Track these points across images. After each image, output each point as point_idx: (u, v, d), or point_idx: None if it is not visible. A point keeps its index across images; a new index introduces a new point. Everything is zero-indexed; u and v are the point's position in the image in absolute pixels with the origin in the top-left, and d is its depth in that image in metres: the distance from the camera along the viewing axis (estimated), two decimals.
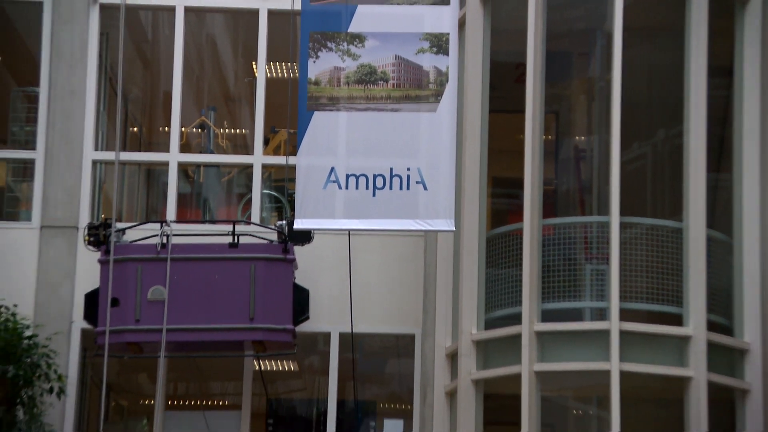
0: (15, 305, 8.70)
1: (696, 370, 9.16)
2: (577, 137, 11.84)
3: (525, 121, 9.80)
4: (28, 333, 8.64)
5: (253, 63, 11.88)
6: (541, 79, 9.85)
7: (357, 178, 8.92)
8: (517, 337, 9.43)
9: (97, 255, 10.31)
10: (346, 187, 8.97)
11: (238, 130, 13.47)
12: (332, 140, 9.16)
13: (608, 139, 9.70)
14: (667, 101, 10.52)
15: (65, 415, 10.12)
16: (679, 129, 10.00)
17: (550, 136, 11.12)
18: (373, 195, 8.94)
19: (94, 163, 11.37)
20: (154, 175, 12.50)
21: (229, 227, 10.63)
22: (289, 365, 12.15)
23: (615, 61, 9.54)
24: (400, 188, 8.89)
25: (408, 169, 8.87)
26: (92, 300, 10.35)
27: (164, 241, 10.35)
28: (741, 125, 10.12)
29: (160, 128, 12.79)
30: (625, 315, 9.25)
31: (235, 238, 10.50)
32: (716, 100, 10.14)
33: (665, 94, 10.70)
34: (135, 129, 13.29)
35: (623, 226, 9.44)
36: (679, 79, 9.85)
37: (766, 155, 10.09)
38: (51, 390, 8.63)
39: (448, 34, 8.87)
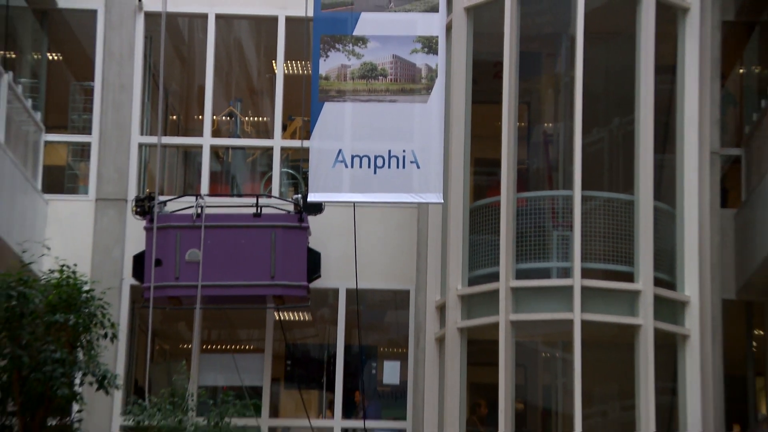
0: (75, 265, 8.64)
1: (644, 319, 9.58)
2: (545, 124, 11.90)
3: (502, 110, 10.06)
4: (86, 288, 8.52)
5: (273, 62, 12.08)
6: (516, 75, 10.11)
7: (361, 158, 9.29)
8: (496, 292, 9.80)
9: (143, 223, 10.79)
10: (352, 166, 9.36)
11: (260, 118, 13.53)
12: (340, 126, 9.50)
13: (572, 125, 10.00)
14: (621, 94, 10.70)
15: (117, 356, 10.52)
16: (631, 117, 10.30)
17: (522, 123, 11.22)
18: (375, 173, 9.33)
19: (140, 146, 11.74)
20: (190, 156, 12.73)
21: (252, 200, 10.96)
22: (304, 316, 12.41)
23: (577, 61, 9.83)
24: (397, 167, 9.28)
25: (403, 151, 9.25)
26: (139, 261, 10.81)
27: (199, 211, 10.75)
28: (683, 114, 10.38)
29: (195, 116, 12.97)
30: (586, 273, 9.62)
31: (258, 209, 10.86)
32: (662, 93, 10.35)
33: (619, 88, 10.85)
34: (174, 117, 13.45)
35: (584, 199, 9.79)
36: (631, 75, 10.15)
37: (704, 139, 10.44)
38: (105, 335, 8.58)
39: (437, 36, 9.27)
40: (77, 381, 8.34)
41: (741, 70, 13.14)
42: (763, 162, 11.32)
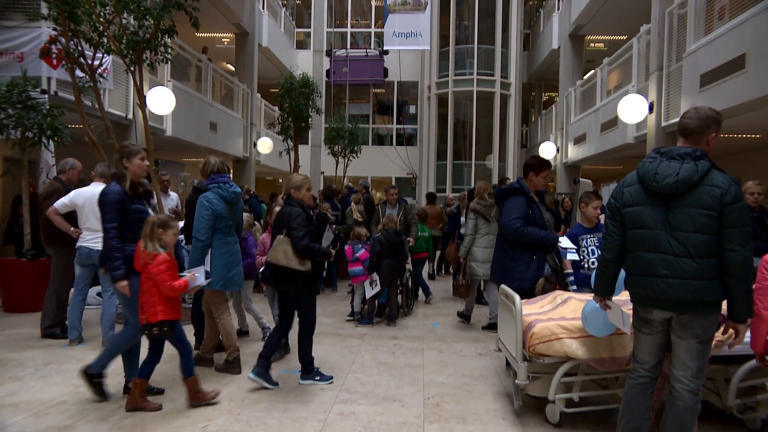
0: (306, 72, 10.06)
1: (497, 90, 12.99)
2: (465, 19, 13.63)
3: (450, 15, 13.19)
4: (311, 80, 9.36)
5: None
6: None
7: (402, 33, 12.76)
8: (447, 81, 13.20)
9: (328, 59, 14.66)
10: (398, 36, 12.85)
11: (366, 21, 16.18)
12: (394, 22, 12.88)
13: (475, 18, 12.99)
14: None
15: (323, 102, 13.75)
16: (492, 6, 13.02)
17: (458, 21, 13.54)
18: (406, 38, 12.80)
19: (327, 33, 15.57)
20: (344, 35, 16.11)
21: (364, 50, 14.72)
22: (381, 89, 16.02)
23: None
24: (414, 36, 12.77)
25: (417, 31, 12.70)
26: (328, 72, 14.95)
27: (347, 54, 14.60)
28: (510, 11, 13.10)
29: (345, 20, 16.00)
30: (479, 74, 13.02)
31: (366, 52, 14.64)
32: None
33: None
34: (338, 22, 16.25)
35: (478, 49, 13.07)
36: None
37: (518, 20, 13.29)
38: (319, 95, 9.57)
39: None
40: (310, 111, 9.39)
41: None
42: (540, 27, 13.89)
